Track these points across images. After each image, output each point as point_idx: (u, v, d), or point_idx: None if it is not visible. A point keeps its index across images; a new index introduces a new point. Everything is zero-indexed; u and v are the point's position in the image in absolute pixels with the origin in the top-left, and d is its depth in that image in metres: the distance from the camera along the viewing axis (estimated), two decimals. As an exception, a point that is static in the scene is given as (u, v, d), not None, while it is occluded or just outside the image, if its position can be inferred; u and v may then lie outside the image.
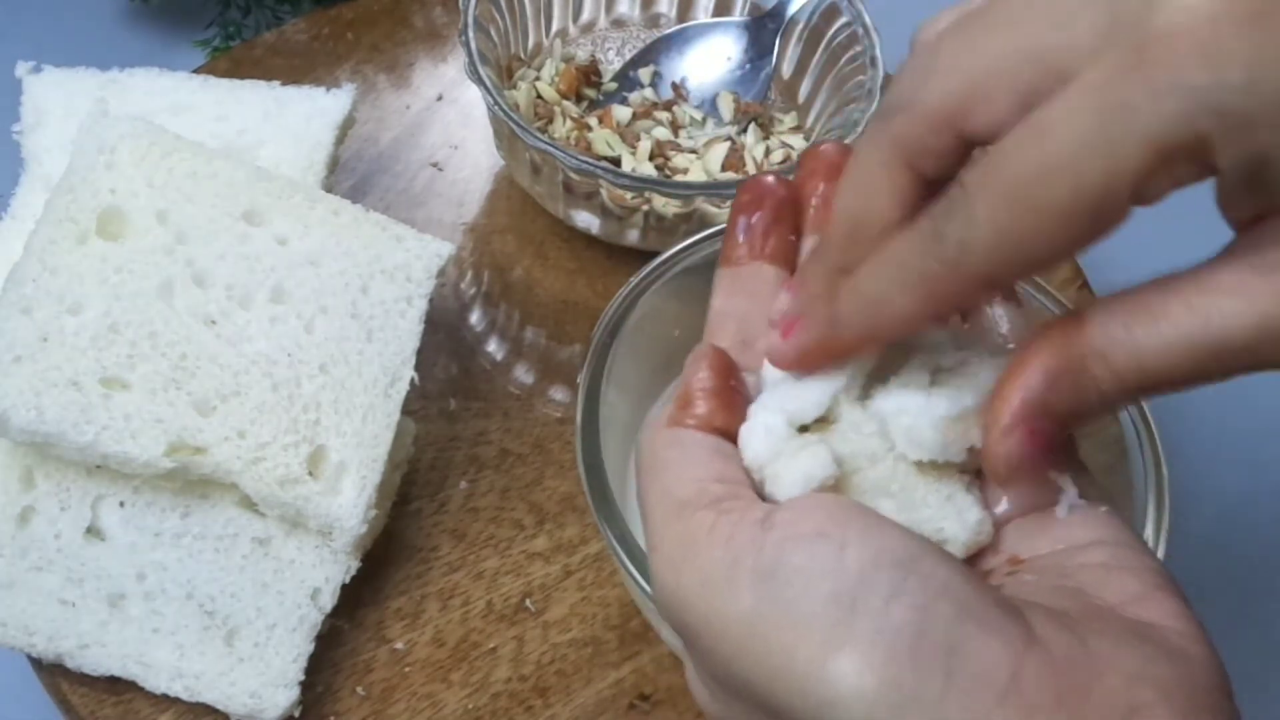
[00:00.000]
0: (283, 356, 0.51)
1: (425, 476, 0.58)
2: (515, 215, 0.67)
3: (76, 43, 0.78)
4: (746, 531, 0.27)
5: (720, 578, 0.26)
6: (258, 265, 0.52)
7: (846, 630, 0.24)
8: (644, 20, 0.74)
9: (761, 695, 0.26)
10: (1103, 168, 0.23)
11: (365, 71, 0.72)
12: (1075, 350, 0.26)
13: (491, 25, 0.65)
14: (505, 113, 0.59)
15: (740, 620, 0.26)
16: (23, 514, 0.50)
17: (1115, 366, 0.26)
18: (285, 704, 0.48)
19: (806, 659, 0.24)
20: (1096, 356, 0.26)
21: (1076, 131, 0.23)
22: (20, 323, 0.49)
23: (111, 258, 0.51)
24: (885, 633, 0.24)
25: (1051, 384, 0.27)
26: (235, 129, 0.59)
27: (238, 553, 0.50)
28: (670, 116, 0.67)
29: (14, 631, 0.48)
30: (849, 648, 0.24)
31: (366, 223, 0.54)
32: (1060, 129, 0.24)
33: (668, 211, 0.61)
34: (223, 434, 0.49)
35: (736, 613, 0.26)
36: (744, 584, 0.26)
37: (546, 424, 0.60)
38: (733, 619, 0.26)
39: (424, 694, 0.52)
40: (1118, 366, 0.26)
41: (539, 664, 0.53)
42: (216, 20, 0.78)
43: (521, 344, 0.63)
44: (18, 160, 0.59)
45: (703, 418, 0.30)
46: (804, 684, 0.24)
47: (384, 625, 0.53)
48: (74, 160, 0.52)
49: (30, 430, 0.47)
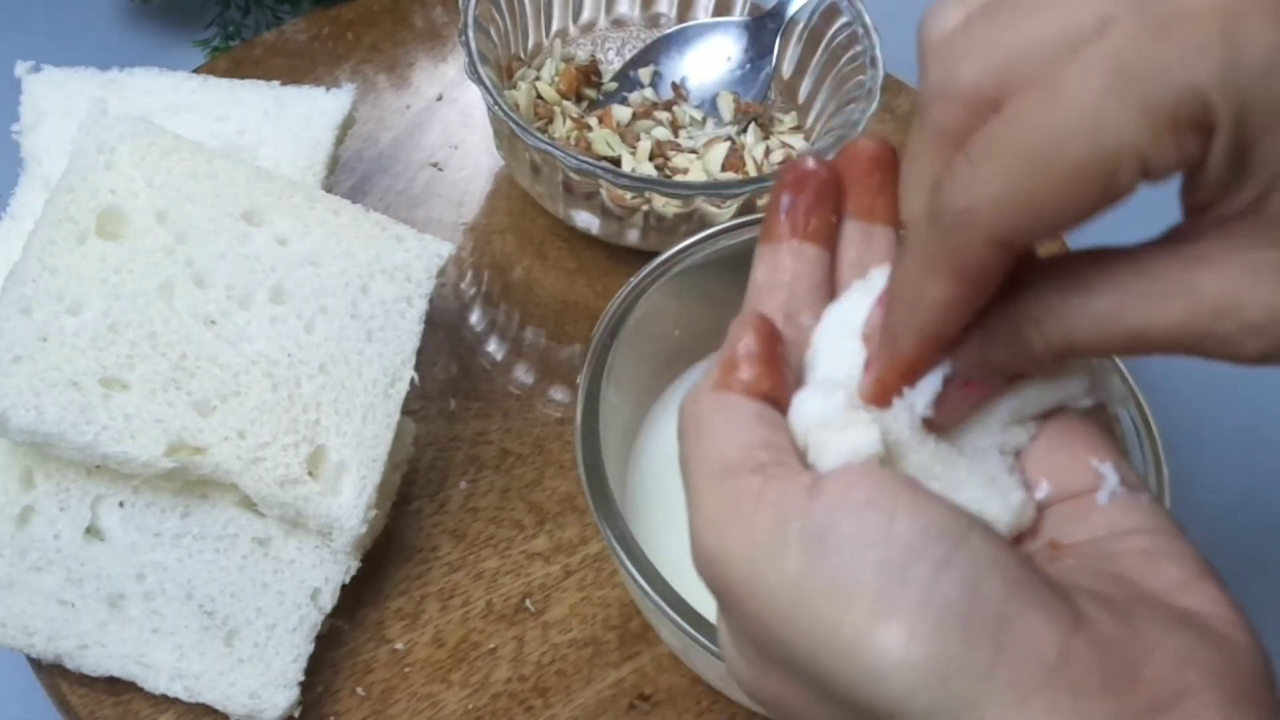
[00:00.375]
0: (283, 356, 0.51)
1: (425, 476, 0.58)
2: (515, 215, 0.67)
3: (76, 43, 0.78)
4: (794, 496, 0.26)
5: (766, 541, 0.26)
6: (258, 265, 0.52)
7: (895, 600, 0.24)
8: (644, 20, 0.74)
9: (804, 661, 0.25)
10: (1115, 132, 0.23)
11: (365, 71, 0.72)
12: (1013, 311, 0.27)
13: (491, 25, 0.65)
14: (505, 113, 0.59)
15: (786, 585, 0.25)
16: (22, 514, 0.50)
17: (1046, 334, 0.27)
18: (285, 704, 0.48)
19: (853, 626, 0.24)
20: (1031, 322, 0.27)
21: (1091, 92, 0.23)
22: (20, 323, 0.49)
23: (111, 258, 0.51)
24: (934, 604, 0.24)
25: (989, 340, 0.28)
26: (235, 129, 0.59)
27: (238, 553, 0.50)
28: (670, 116, 0.67)
29: (14, 632, 0.48)
30: (898, 617, 0.24)
31: (366, 223, 0.54)
32: (1075, 89, 0.24)
33: (668, 211, 0.61)
34: (223, 434, 0.49)
35: (782, 577, 0.25)
36: (791, 548, 0.25)
37: (546, 424, 0.60)
38: (778, 583, 0.25)
39: (424, 694, 0.52)
40: (1048, 335, 0.27)
41: (539, 664, 0.53)
42: (216, 20, 0.78)
43: (521, 344, 0.63)
44: (17, 160, 0.59)
45: (748, 383, 0.30)
46: (850, 651, 0.24)
47: (384, 625, 0.53)
48: (73, 160, 0.52)
49: (30, 430, 0.47)
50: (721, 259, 0.52)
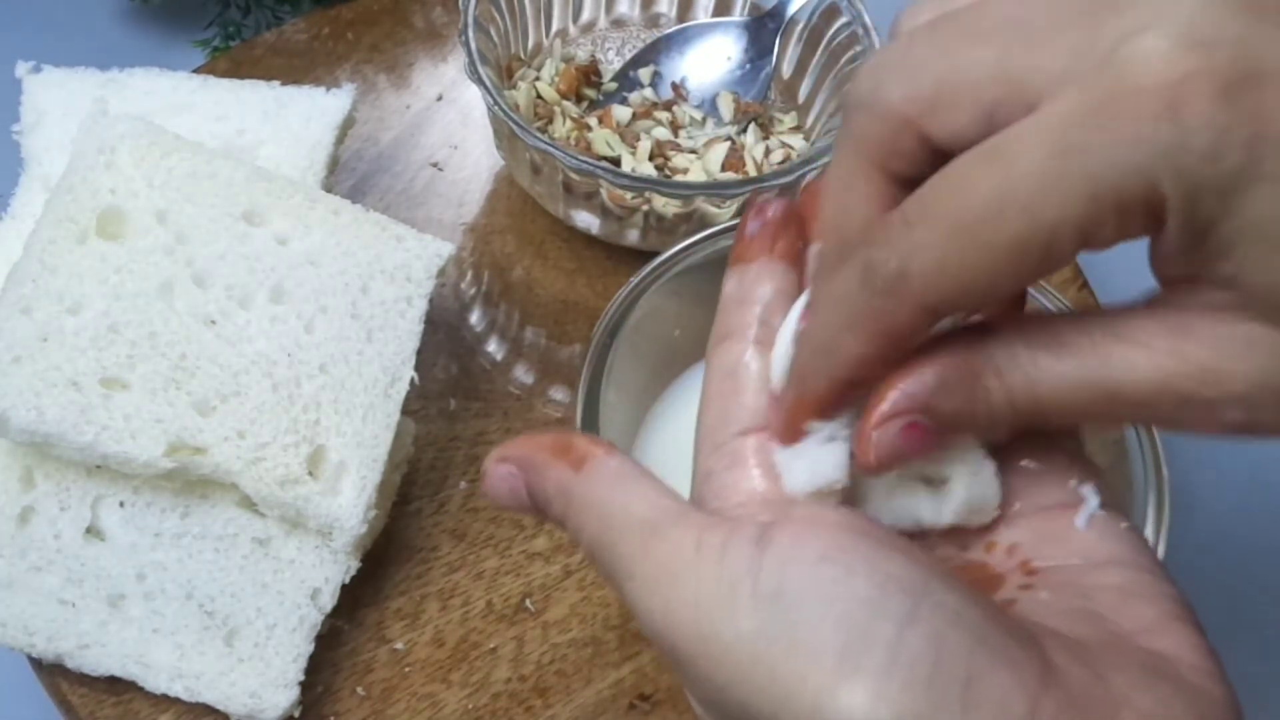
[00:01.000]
0: (283, 356, 0.51)
1: (425, 476, 0.58)
2: (515, 215, 0.67)
3: (76, 43, 0.78)
4: (741, 550, 0.25)
5: (716, 598, 0.25)
6: (258, 265, 0.52)
7: (859, 658, 0.23)
8: (644, 20, 0.74)
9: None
10: (1057, 209, 0.23)
11: (365, 71, 0.72)
12: (975, 358, 0.26)
13: (491, 25, 0.65)
14: (505, 113, 0.59)
15: (741, 645, 0.24)
16: (23, 514, 0.50)
17: (1009, 386, 0.26)
18: (285, 704, 0.48)
19: (817, 687, 0.23)
20: (993, 371, 0.26)
21: (1034, 164, 0.23)
22: (20, 323, 0.49)
23: (111, 258, 0.51)
24: (900, 662, 0.23)
25: (942, 386, 0.26)
26: (235, 129, 0.59)
27: (238, 553, 0.50)
28: (670, 116, 0.67)
29: (14, 631, 0.48)
30: (862, 676, 0.23)
31: (366, 223, 0.54)
32: (1017, 161, 0.23)
33: (668, 211, 0.61)
34: (223, 434, 0.49)
35: (736, 637, 0.24)
36: (744, 607, 0.24)
37: (546, 424, 0.60)
38: (732, 643, 0.25)
39: (424, 694, 0.52)
40: (1011, 387, 0.26)
41: (539, 664, 0.53)
42: (216, 20, 0.78)
43: (521, 344, 0.63)
44: (17, 160, 0.59)
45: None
46: (814, 713, 0.23)
47: (384, 625, 0.53)
48: (74, 160, 0.52)
49: (30, 430, 0.47)
50: (721, 259, 0.51)
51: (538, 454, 0.29)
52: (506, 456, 0.30)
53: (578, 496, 0.29)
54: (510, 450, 0.30)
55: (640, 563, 0.27)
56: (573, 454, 0.29)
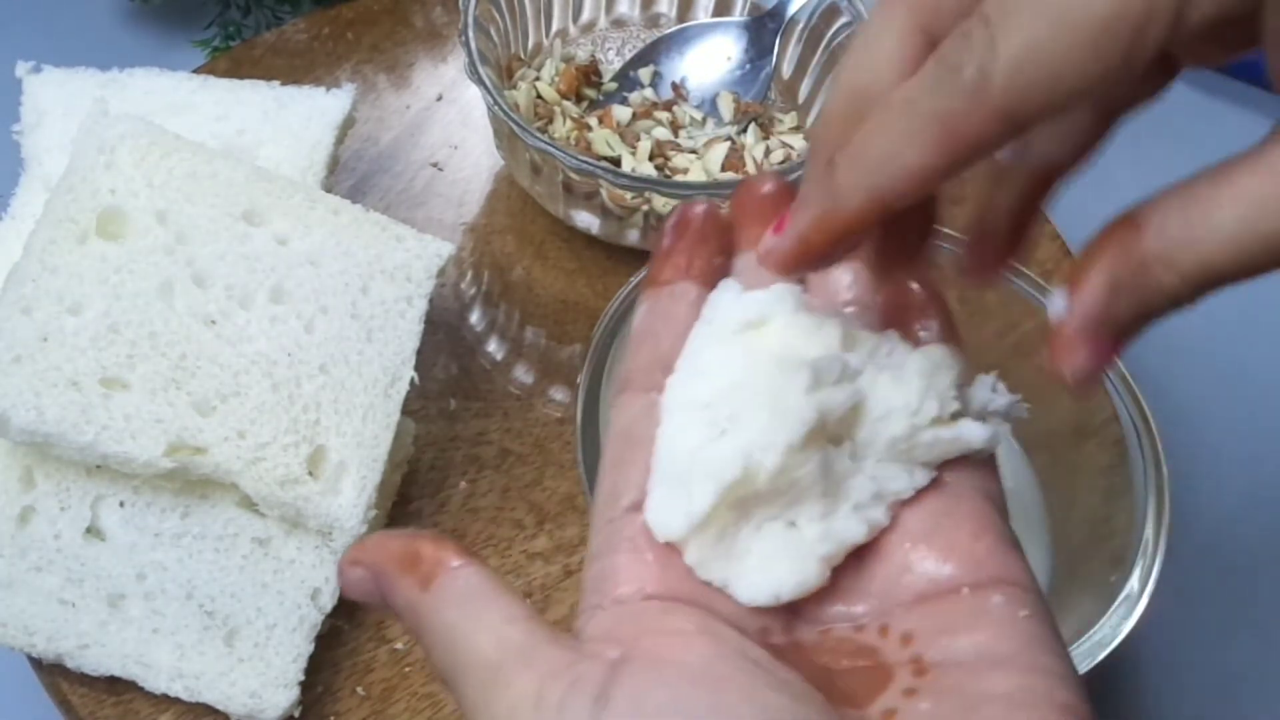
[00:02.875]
0: (283, 356, 0.51)
1: (425, 476, 0.58)
2: (515, 215, 0.67)
3: (76, 43, 0.78)
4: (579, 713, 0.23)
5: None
6: (258, 265, 0.52)
7: None
8: (644, 20, 0.74)
9: None
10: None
11: (365, 71, 0.72)
12: (1134, 255, 0.24)
13: (491, 25, 0.65)
14: (505, 113, 0.59)
15: None
16: (23, 514, 0.50)
17: (1180, 267, 0.24)
18: (285, 704, 0.48)
19: None
20: (1157, 259, 0.24)
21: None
22: (20, 323, 0.49)
23: (111, 258, 0.51)
24: None
25: (1114, 294, 0.25)
26: (235, 129, 0.59)
27: (238, 553, 0.50)
28: (670, 116, 0.67)
29: (14, 631, 0.48)
30: None
31: (366, 223, 0.54)
32: None
33: (668, 211, 0.61)
34: (223, 434, 0.49)
35: None
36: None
37: (546, 424, 0.60)
38: None
39: (424, 694, 0.52)
40: (1182, 267, 0.24)
41: (539, 664, 0.53)
42: (216, 20, 0.78)
43: (521, 344, 0.63)
44: (18, 160, 0.59)
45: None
46: None
47: (384, 625, 0.53)
48: (74, 160, 0.52)
49: (30, 430, 0.47)
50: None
51: (387, 564, 0.28)
52: (358, 560, 0.28)
53: (424, 617, 0.27)
54: (361, 555, 0.28)
55: (481, 712, 0.25)
56: (421, 568, 0.27)
